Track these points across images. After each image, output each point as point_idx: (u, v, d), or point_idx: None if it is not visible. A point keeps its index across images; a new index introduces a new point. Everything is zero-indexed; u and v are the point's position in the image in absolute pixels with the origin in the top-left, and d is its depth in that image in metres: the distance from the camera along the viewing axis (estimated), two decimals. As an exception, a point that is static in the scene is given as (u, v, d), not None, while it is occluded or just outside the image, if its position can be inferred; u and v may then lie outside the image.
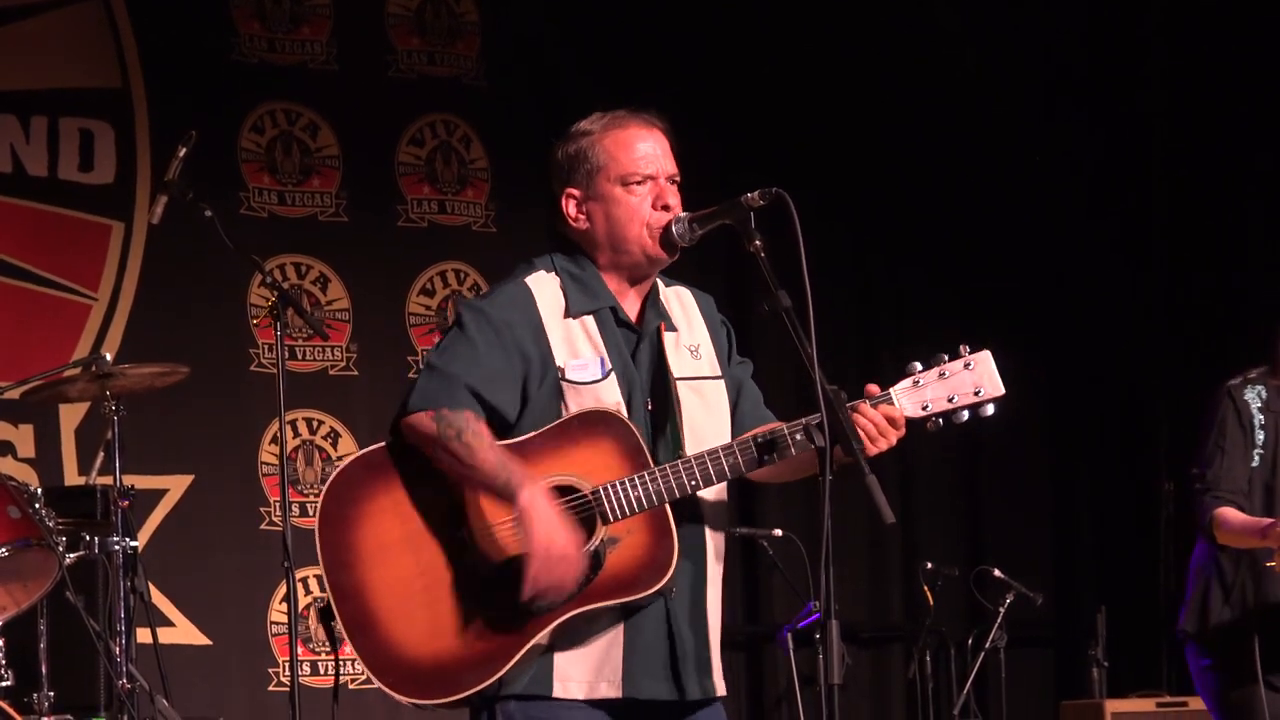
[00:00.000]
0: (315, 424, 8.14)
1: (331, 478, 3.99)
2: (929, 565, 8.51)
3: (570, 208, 4.08)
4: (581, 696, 3.93)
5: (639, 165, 4.02)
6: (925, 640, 8.66)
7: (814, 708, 7.84)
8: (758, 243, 3.87)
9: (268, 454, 7.99)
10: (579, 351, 3.99)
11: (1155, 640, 8.99)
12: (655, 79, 8.36)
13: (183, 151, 6.44)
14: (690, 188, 4.13)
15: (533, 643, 3.87)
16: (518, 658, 3.87)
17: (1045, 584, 8.80)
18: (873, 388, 3.95)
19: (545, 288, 4.05)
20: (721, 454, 3.91)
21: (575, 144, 4.07)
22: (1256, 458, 5.44)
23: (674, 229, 4.00)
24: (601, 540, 3.87)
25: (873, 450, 3.90)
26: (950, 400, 3.94)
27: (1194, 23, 9.18)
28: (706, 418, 4.03)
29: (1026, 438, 9.35)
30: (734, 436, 4.04)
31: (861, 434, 3.88)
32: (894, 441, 3.93)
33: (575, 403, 3.95)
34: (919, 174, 9.09)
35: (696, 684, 3.99)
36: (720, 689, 4.06)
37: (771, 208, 3.88)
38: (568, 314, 4.02)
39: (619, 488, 3.87)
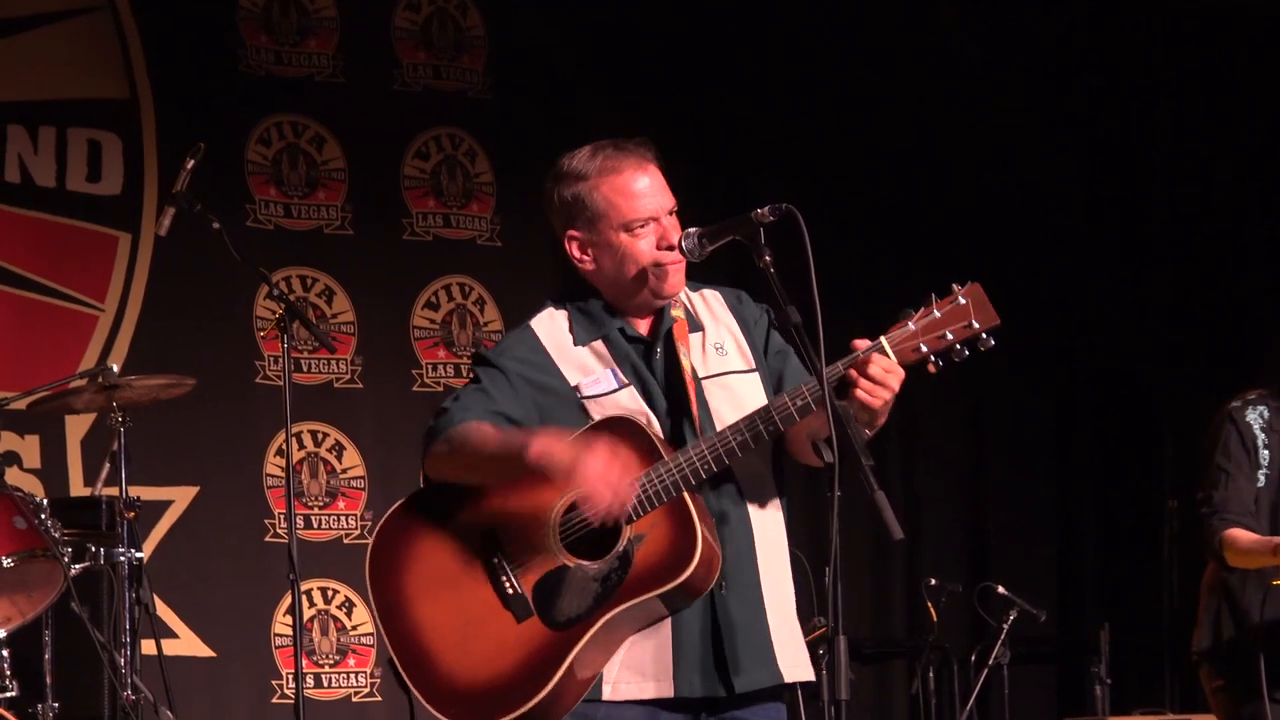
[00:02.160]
0: (320, 436, 8.14)
1: (373, 537, 4.08)
2: (932, 581, 8.50)
3: (574, 249, 4.10)
4: (633, 697, 3.95)
5: (639, 210, 4.03)
6: (928, 656, 8.65)
7: (817, 723, 7.84)
8: (767, 258, 3.88)
9: (273, 466, 7.99)
10: (591, 370, 4.04)
11: (1159, 657, 8.98)
12: (661, 92, 8.37)
13: (190, 163, 6.45)
14: (696, 197, 4.13)
15: (578, 648, 3.88)
16: (565, 666, 3.88)
17: (1049, 601, 8.77)
18: (860, 342, 3.89)
19: (549, 324, 4.11)
20: (729, 433, 3.91)
21: (571, 189, 4.07)
22: (1262, 478, 5.42)
23: (683, 244, 4.01)
24: (628, 539, 3.90)
25: (875, 403, 3.85)
26: (944, 337, 3.88)
27: (1196, 23, 9.17)
28: (736, 413, 4.01)
29: (1030, 454, 9.35)
30: None
31: (861, 391, 3.83)
32: (896, 387, 3.85)
33: (599, 415, 3.99)
34: (921, 181, 9.09)
35: (748, 676, 3.97)
36: (791, 675, 4.03)
37: (781, 222, 3.89)
38: (576, 343, 4.07)
39: (636, 486, 3.88)
